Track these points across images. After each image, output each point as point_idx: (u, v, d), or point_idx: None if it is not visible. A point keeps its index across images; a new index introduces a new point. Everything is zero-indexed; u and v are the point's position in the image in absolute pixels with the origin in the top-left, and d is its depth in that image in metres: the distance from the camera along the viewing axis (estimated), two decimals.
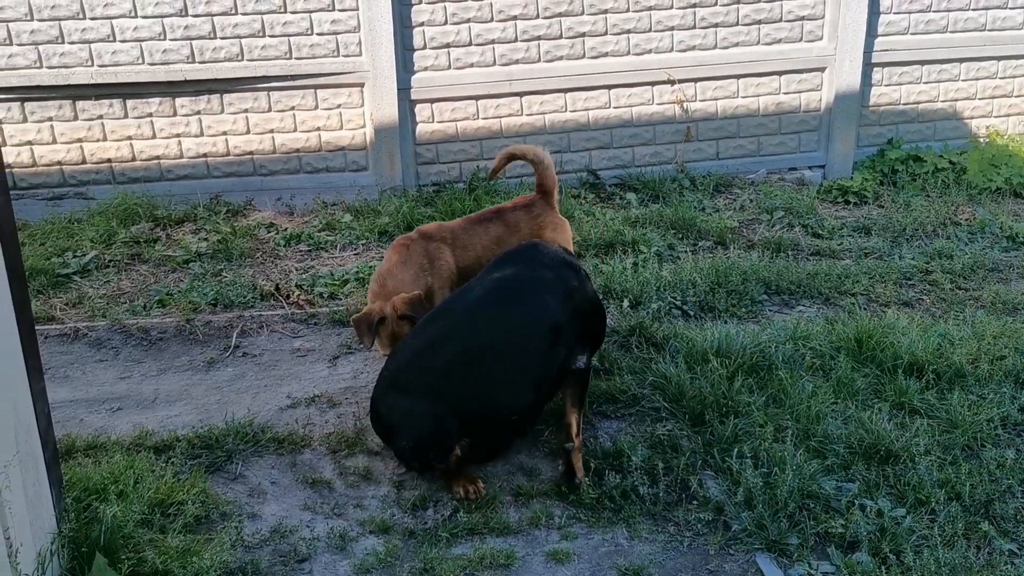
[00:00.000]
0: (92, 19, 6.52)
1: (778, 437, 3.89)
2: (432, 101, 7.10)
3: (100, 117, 6.75)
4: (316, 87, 6.91)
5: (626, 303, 5.27)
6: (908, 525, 3.41)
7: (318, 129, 7.02)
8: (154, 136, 6.85)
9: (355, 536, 3.48)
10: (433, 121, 7.15)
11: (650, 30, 7.25)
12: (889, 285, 5.69)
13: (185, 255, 6.05)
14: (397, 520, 3.58)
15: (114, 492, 3.40)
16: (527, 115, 7.27)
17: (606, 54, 7.26)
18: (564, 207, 6.67)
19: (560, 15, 7.10)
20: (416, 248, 4.54)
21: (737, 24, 7.37)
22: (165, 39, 6.63)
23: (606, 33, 7.21)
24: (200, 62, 6.71)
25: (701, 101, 7.50)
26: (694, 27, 7.30)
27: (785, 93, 7.60)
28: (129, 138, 6.82)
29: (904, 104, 7.85)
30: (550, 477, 3.83)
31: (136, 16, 6.55)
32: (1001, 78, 7.94)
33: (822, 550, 3.37)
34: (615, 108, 7.39)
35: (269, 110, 6.92)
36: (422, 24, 6.92)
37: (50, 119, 6.69)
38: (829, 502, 3.56)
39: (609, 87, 7.32)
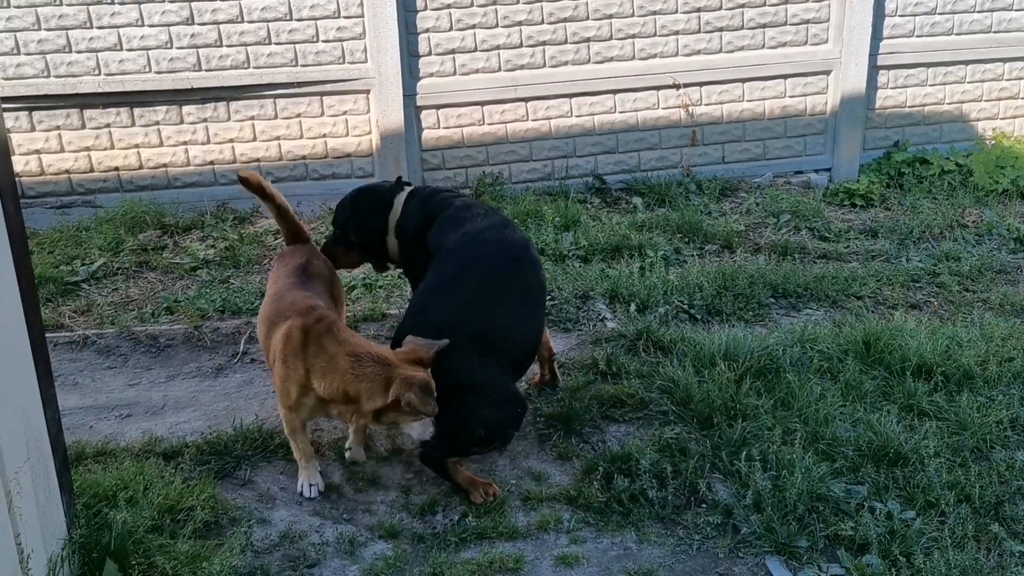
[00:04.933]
0: (99, 28, 6.55)
1: (786, 440, 3.88)
2: (438, 107, 7.12)
3: (107, 125, 6.78)
4: (322, 94, 6.93)
5: (633, 307, 5.27)
6: (918, 527, 3.40)
7: (324, 136, 7.04)
8: (161, 144, 6.88)
9: (364, 541, 3.48)
10: (439, 127, 7.17)
11: (655, 34, 7.26)
12: (896, 288, 5.68)
13: (193, 262, 6.07)
14: (406, 525, 3.58)
15: (124, 498, 3.41)
16: (532, 120, 7.28)
17: (611, 59, 7.27)
18: (571, 212, 6.68)
19: (565, 20, 7.11)
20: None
21: (742, 28, 7.37)
22: (172, 47, 6.66)
23: (611, 38, 7.22)
24: (206, 70, 6.74)
25: (706, 105, 7.51)
26: (699, 31, 7.31)
27: (791, 97, 7.60)
28: (136, 146, 6.85)
29: (910, 107, 7.85)
30: (559, 482, 3.83)
31: (143, 25, 6.58)
32: (1007, 80, 7.93)
33: (832, 553, 3.36)
34: (620, 113, 7.40)
35: (275, 117, 6.94)
36: (427, 30, 6.94)
37: (58, 128, 6.72)
38: (838, 505, 3.55)
39: (614, 92, 7.34)
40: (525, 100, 7.23)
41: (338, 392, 3.47)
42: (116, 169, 6.88)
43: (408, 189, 4.36)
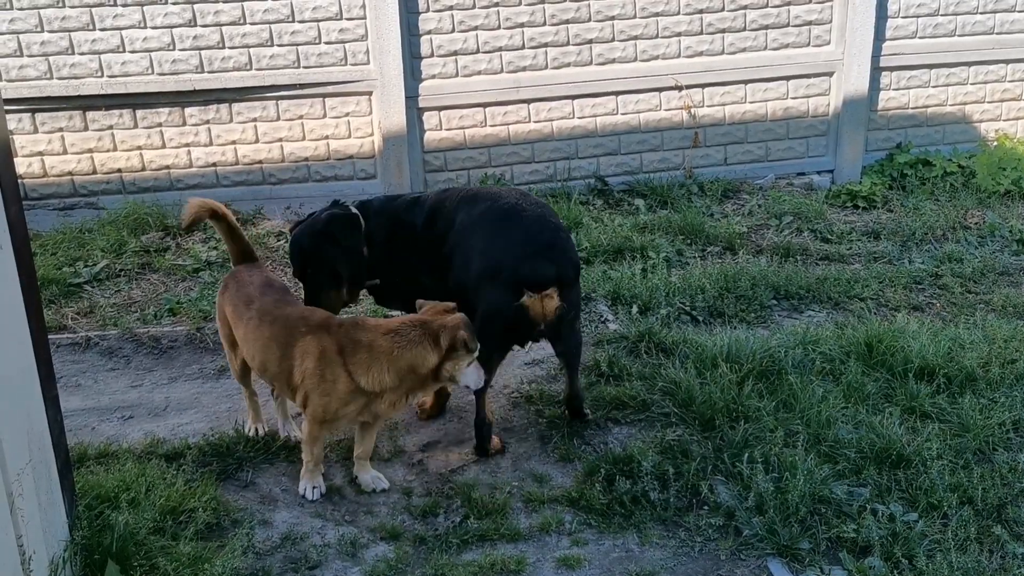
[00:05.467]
0: (102, 30, 6.56)
1: (789, 442, 3.88)
2: (440, 109, 7.12)
3: (110, 127, 6.79)
4: (324, 96, 6.94)
5: (635, 309, 5.27)
6: (920, 530, 3.40)
7: (326, 138, 7.05)
8: (164, 146, 6.89)
9: (366, 543, 3.48)
10: (441, 129, 7.18)
11: (657, 36, 7.26)
12: (899, 289, 5.68)
13: (195, 264, 6.07)
14: (407, 526, 3.58)
15: (126, 499, 3.41)
16: (535, 122, 7.28)
17: (613, 60, 7.27)
18: (573, 213, 6.68)
19: (567, 22, 7.11)
20: None
21: (744, 29, 7.37)
22: (174, 49, 6.67)
23: (613, 39, 7.22)
24: (209, 72, 6.74)
25: (709, 107, 7.50)
26: (701, 33, 7.31)
27: (793, 98, 7.60)
28: (139, 148, 6.86)
29: (913, 108, 7.84)
30: (560, 483, 3.83)
31: (145, 27, 6.59)
32: (1010, 81, 7.92)
33: (834, 555, 3.36)
34: (623, 114, 7.40)
35: (278, 119, 6.95)
36: (429, 32, 6.95)
37: (60, 130, 6.73)
38: (841, 507, 3.55)
39: (616, 93, 7.33)
40: (527, 102, 7.23)
41: (389, 374, 3.50)
42: (119, 171, 6.89)
43: (352, 204, 4.29)
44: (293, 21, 6.75)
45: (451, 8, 6.92)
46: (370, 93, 6.96)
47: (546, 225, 3.93)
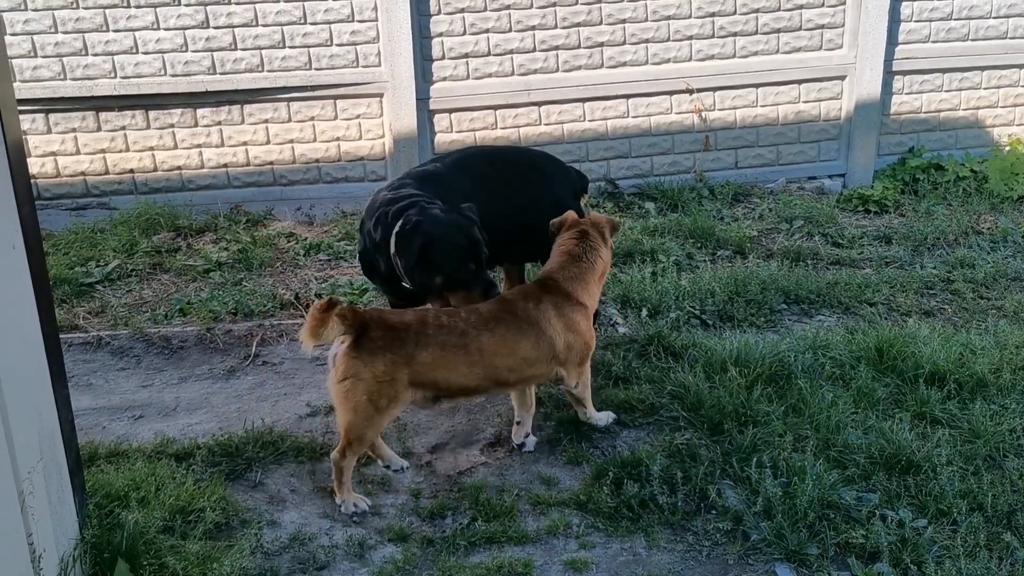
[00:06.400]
0: (115, 31, 6.60)
1: (797, 447, 3.87)
2: (451, 111, 7.13)
3: (123, 128, 6.82)
4: (335, 97, 6.96)
5: (644, 312, 5.27)
6: (929, 536, 3.39)
7: (337, 139, 7.07)
8: (176, 147, 6.92)
9: (373, 544, 3.49)
10: (452, 131, 7.19)
11: (668, 39, 7.26)
12: (910, 294, 5.66)
13: (206, 264, 6.10)
14: (415, 528, 3.59)
15: (136, 499, 3.43)
16: (545, 125, 7.29)
17: (624, 64, 7.27)
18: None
19: (578, 25, 7.12)
20: None
21: (756, 33, 7.36)
22: (187, 51, 6.70)
23: (624, 43, 7.22)
24: (221, 73, 6.77)
25: (720, 110, 7.49)
26: (713, 36, 7.30)
27: (805, 102, 7.58)
28: (151, 148, 6.90)
29: (925, 112, 7.81)
30: (568, 486, 3.82)
31: (159, 28, 6.63)
32: (1023, 86, 7.88)
33: (842, 561, 3.35)
34: (633, 117, 7.40)
35: (289, 120, 6.97)
36: (441, 35, 6.96)
37: (74, 130, 6.77)
38: (849, 512, 3.54)
39: (627, 96, 7.33)
40: (538, 104, 7.23)
41: (597, 285, 4.04)
42: (131, 171, 6.92)
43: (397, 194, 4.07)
44: (305, 23, 6.77)
45: (462, 11, 6.94)
46: (381, 95, 6.97)
47: (543, 152, 4.93)
